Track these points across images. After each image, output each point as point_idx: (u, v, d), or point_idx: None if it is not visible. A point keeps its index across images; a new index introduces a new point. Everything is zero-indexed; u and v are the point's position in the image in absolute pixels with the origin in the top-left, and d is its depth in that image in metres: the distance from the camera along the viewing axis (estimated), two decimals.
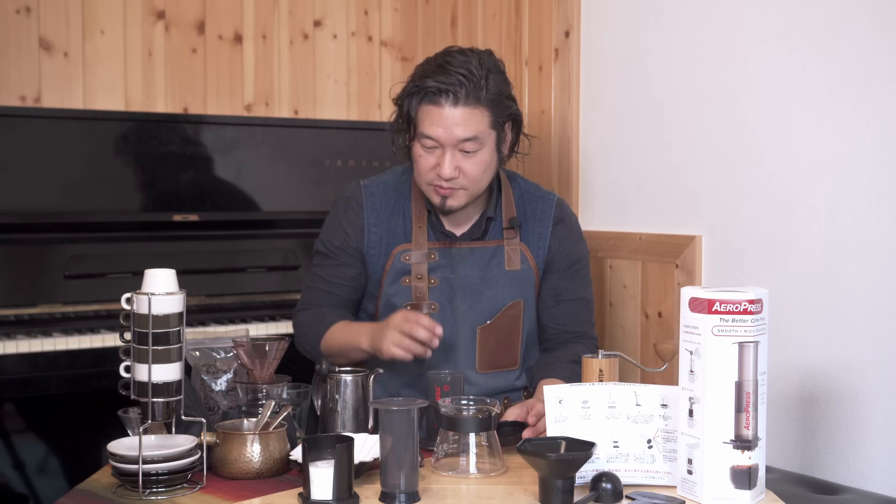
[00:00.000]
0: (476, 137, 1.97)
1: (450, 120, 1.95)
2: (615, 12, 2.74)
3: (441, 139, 1.97)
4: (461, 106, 1.95)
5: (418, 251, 2.09)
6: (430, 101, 1.96)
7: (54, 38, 2.96)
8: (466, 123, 1.96)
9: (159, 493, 1.58)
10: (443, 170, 1.98)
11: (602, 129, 2.79)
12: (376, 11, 3.53)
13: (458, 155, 1.98)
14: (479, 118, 1.97)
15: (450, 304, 2.09)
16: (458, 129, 1.96)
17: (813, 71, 2.22)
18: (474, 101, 1.95)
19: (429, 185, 2.03)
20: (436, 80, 1.95)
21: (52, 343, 2.45)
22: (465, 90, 1.94)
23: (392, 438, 1.52)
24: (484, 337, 2.10)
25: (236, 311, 2.83)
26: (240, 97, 3.28)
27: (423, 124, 1.98)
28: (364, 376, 1.91)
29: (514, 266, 2.12)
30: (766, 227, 2.33)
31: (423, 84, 1.96)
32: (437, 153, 1.99)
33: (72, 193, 2.71)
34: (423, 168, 2.02)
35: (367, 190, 2.14)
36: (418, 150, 2.02)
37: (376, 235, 2.10)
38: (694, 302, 1.53)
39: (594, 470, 1.59)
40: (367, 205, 2.12)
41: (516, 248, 2.13)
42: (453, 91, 1.94)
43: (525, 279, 2.13)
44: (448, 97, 1.94)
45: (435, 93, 1.95)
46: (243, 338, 1.94)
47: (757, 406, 1.52)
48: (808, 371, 2.23)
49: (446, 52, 2.02)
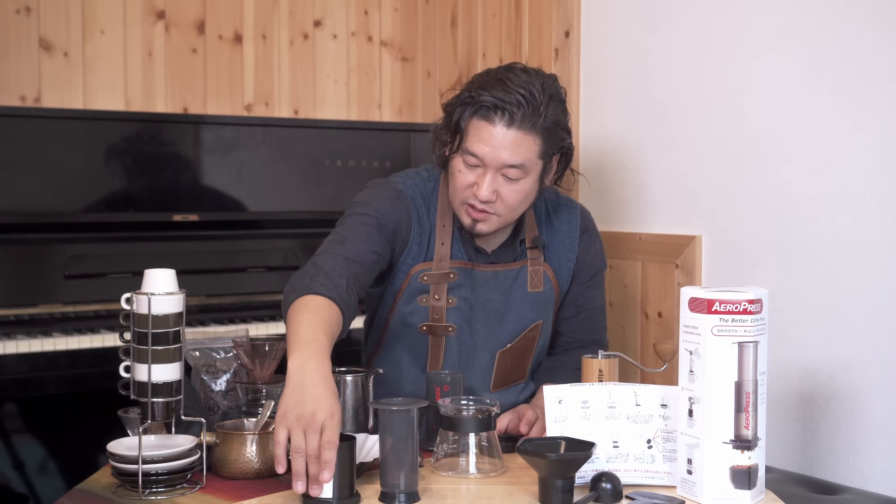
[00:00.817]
0: (522, 165, 1.85)
1: (499, 141, 1.83)
2: (615, 12, 2.74)
3: (486, 159, 1.84)
4: (514, 129, 1.82)
5: (439, 271, 1.96)
6: (483, 117, 1.84)
7: (54, 38, 2.96)
8: (516, 148, 1.83)
9: (159, 493, 1.58)
10: (480, 191, 1.86)
11: (602, 130, 2.79)
12: (376, 11, 3.53)
13: (499, 178, 1.86)
14: (529, 145, 1.85)
15: (469, 327, 2.00)
16: (506, 153, 1.84)
17: (813, 71, 2.22)
18: (529, 126, 1.83)
19: (462, 205, 1.91)
20: (493, 96, 1.82)
21: (52, 343, 2.45)
22: (523, 113, 1.82)
23: (392, 438, 1.52)
24: (502, 359, 2.05)
25: (236, 311, 2.83)
26: (240, 97, 3.28)
27: (471, 139, 1.85)
28: (364, 376, 1.91)
29: (537, 287, 2.03)
30: (766, 227, 2.33)
31: (479, 96, 1.83)
32: (478, 172, 1.87)
33: (72, 193, 2.71)
34: (459, 184, 1.90)
35: (413, 201, 1.97)
36: (458, 165, 1.89)
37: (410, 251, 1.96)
38: (694, 302, 1.53)
39: (594, 470, 1.59)
40: (414, 216, 1.96)
41: (539, 270, 2.04)
42: (510, 111, 1.82)
43: (546, 300, 2.06)
44: (503, 116, 1.82)
45: (490, 108, 1.82)
46: (243, 338, 1.94)
47: (757, 406, 1.52)
48: (808, 371, 2.23)
49: (509, 68, 1.89)
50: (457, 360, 2.02)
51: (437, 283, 1.96)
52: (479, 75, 1.92)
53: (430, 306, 1.97)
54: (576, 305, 2.11)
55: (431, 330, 1.99)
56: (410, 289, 1.97)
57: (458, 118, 1.87)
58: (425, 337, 2.00)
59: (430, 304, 1.97)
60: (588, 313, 2.12)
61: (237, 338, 1.94)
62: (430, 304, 1.97)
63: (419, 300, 1.98)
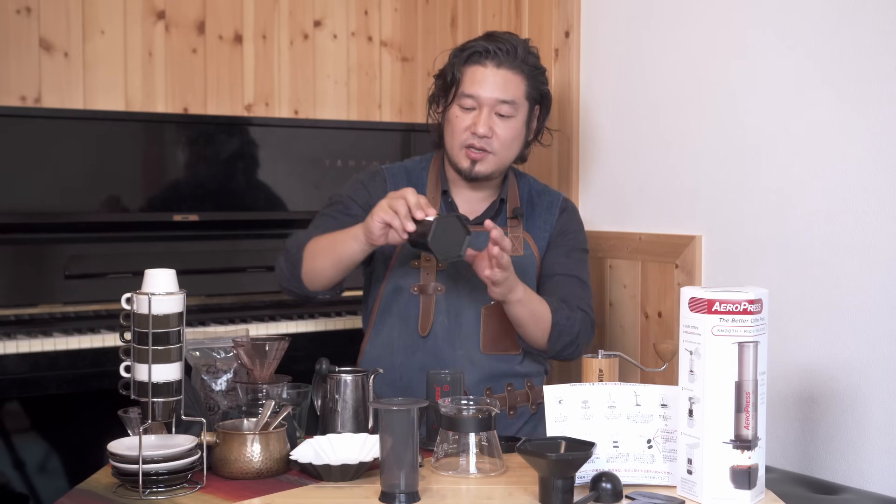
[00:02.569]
0: (513, 102, 2.11)
1: (491, 80, 2.10)
2: (615, 12, 2.74)
3: (481, 98, 2.10)
4: (504, 69, 2.10)
5: None
6: (475, 62, 2.11)
7: (54, 38, 2.96)
8: (506, 86, 2.10)
9: (159, 493, 1.58)
10: (478, 128, 2.09)
11: (602, 129, 2.79)
12: (376, 11, 3.53)
13: (493, 117, 2.11)
14: (518, 83, 2.12)
15: (455, 287, 2.15)
16: (498, 91, 2.10)
17: (813, 71, 2.22)
18: (517, 67, 2.11)
19: (461, 149, 2.13)
20: (483, 42, 2.12)
21: (52, 343, 2.45)
22: (510, 56, 2.10)
23: (392, 438, 1.52)
24: (488, 317, 2.14)
25: (236, 311, 2.83)
26: (240, 97, 3.28)
27: (465, 83, 2.11)
28: (364, 376, 1.91)
29: (517, 252, 2.17)
30: (766, 227, 2.33)
31: (469, 44, 2.13)
32: (474, 114, 2.11)
33: (72, 193, 2.71)
34: (458, 129, 2.13)
35: (389, 171, 2.24)
36: (455, 112, 2.13)
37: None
38: (694, 302, 1.53)
39: (594, 470, 1.59)
40: (390, 181, 2.20)
41: (519, 236, 2.20)
42: (499, 54, 2.10)
43: (528, 265, 2.18)
44: (493, 58, 2.10)
45: (481, 53, 2.11)
46: (243, 338, 1.94)
47: (757, 406, 1.52)
48: (808, 371, 2.23)
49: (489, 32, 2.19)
50: (446, 318, 2.14)
51: None
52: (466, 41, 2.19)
53: (421, 268, 2.15)
54: (550, 267, 2.22)
55: (422, 289, 2.14)
56: (403, 254, 2.16)
57: (452, 70, 2.14)
58: (416, 299, 2.14)
59: (422, 266, 2.15)
60: (564, 278, 2.19)
61: (237, 338, 1.94)
62: (422, 265, 2.15)
63: (411, 263, 2.16)
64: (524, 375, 2.19)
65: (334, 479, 1.63)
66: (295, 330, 2.68)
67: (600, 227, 2.80)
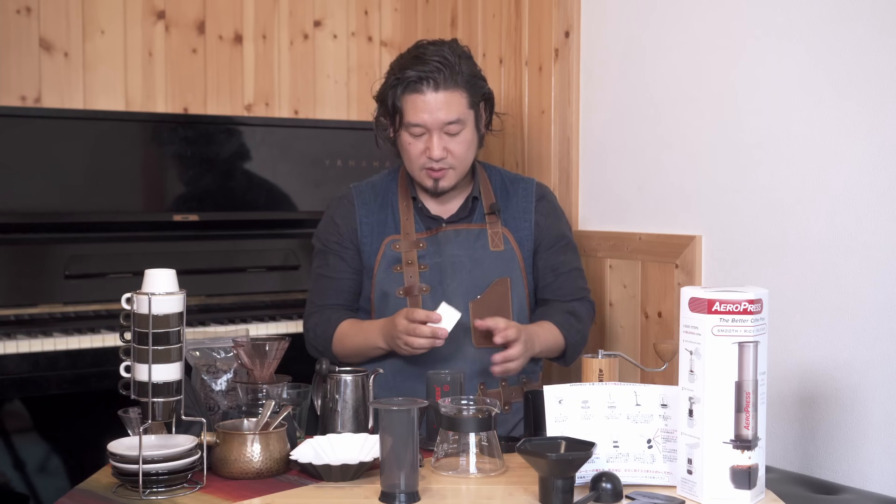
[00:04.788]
0: (459, 119, 2.13)
1: (433, 105, 2.11)
2: (615, 12, 2.74)
3: (427, 124, 2.12)
4: (442, 90, 2.11)
5: (407, 240, 2.21)
6: (413, 90, 2.11)
7: (54, 38, 2.96)
8: (449, 106, 2.12)
9: (159, 493, 1.58)
10: (433, 152, 2.13)
11: (602, 130, 2.79)
12: (376, 11, 3.53)
13: (444, 137, 2.14)
14: (458, 100, 2.13)
15: (440, 286, 2.19)
16: (442, 113, 2.11)
17: (813, 71, 2.22)
18: (453, 84, 2.12)
19: (421, 171, 2.17)
20: (415, 70, 2.11)
21: (52, 343, 2.45)
22: (444, 75, 2.10)
23: (392, 438, 1.52)
24: (476, 311, 2.18)
25: (236, 311, 2.83)
26: (240, 97, 3.28)
27: (409, 114, 2.13)
28: (364, 376, 1.91)
29: (498, 247, 2.24)
30: (766, 227, 2.33)
31: (404, 75, 2.12)
32: (425, 138, 2.14)
33: (72, 193, 2.71)
34: (413, 154, 2.16)
35: (356, 189, 2.29)
36: (406, 139, 2.16)
37: (368, 226, 2.23)
38: (694, 302, 1.53)
39: (594, 470, 1.59)
40: (357, 201, 2.25)
41: (499, 232, 2.25)
42: (433, 77, 2.10)
43: (509, 259, 2.24)
44: (429, 84, 2.10)
45: (416, 81, 2.10)
46: (243, 338, 1.94)
47: (757, 406, 1.52)
48: (808, 371, 2.23)
49: (417, 45, 2.18)
50: None
51: (407, 250, 2.21)
52: (395, 60, 2.19)
53: (404, 272, 2.20)
54: (552, 270, 2.28)
55: (408, 291, 2.19)
56: (385, 259, 2.20)
57: (392, 100, 2.15)
58: (403, 301, 2.19)
59: (404, 271, 2.20)
60: (566, 275, 2.30)
61: (237, 338, 1.94)
62: (404, 269, 2.20)
63: (394, 269, 2.20)
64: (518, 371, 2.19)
65: (334, 479, 1.63)
66: (295, 330, 2.68)
67: (600, 227, 2.80)
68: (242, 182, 2.96)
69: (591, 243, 2.79)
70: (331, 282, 2.25)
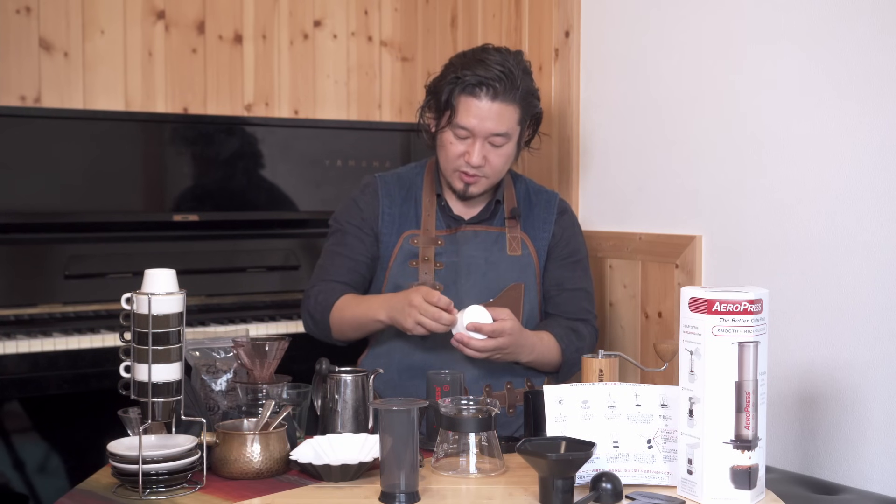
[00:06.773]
0: (506, 133, 2.12)
1: (485, 113, 2.08)
2: (615, 12, 2.74)
3: (475, 129, 2.10)
4: (498, 101, 2.08)
5: (426, 236, 2.20)
6: (469, 93, 2.09)
7: (54, 38, 2.96)
8: (500, 119, 2.09)
9: (159, 493, 1.58)
10: (472, 158, 2.11)
11: (602, 129, 2.79)
12: (376, 11, 3.53)
13: (486, 146, 2.11)
14: (510, 114, 2.11)
15: (454, 285, 2.17)
16: (491, 123, 2.09)
17: (813, 71, 2.22)
18: (510, 98, 2.09)
19: (454, 172, 2.16)
20: (476, 74, 2.07)
21: (52, 343, 2.45)
22: (503, 86, 2.08)
23: (392, 438, 1.52)
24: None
25: (236, 311, 2.82)
26: (240, 97, 3.27)
27: (460, 115, 2.10)
28: (364, 376, 1.91)
29: (516, 252, 2.22)
30: (766, 227, 2.33)
31: (464, 76, 2.08)
32: (468, 142, 2.12)
33: (72, 193, 2.71)
34: (451, 155, 2.14)
35: (381, 179, 2.27)
36: (449, 138, 2.13)
37: (389, 217, 2.22)
38: (694, 302, 1.53)
39: (594, 470, 1.59)
40: (382, 191, 2.24)
41: (517, 237, 2.24)
42: (493, 85, 2.07)
43: (526, 264, 2.22)
44: (487, 91, 2.08)
45: (475, 85, 2.07)
46: (243, 338, 1.94)
47: (757, 406, 1.52)
48: (808, 371, 2.23)
49: (483, 49, 2.15)
50: None
51: (425, 245, 2.19)
52: (457, 57, 2.16)
53: (420, 268, 2.18)
54: (557, 284, 2.25)
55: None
56: (402, 253, 2.19)
57: (447, 97, 2.11)
58: None
59: (420, 267, 2.18)
60: (571, 293, 2.26)
61: (237, 338, 1.94)
62: (420, 265, 2.18)
63: (409, 263, 2.19)
64: (523, 374, 2.19)
65: (334, 479, 1.63)
66: (295, 330, 2.68)
67: (600, 227, 2.80)
68: (242, 182, 2.96)
69: (591, 243, 2.78)
70: (345, 260, 2.21)
